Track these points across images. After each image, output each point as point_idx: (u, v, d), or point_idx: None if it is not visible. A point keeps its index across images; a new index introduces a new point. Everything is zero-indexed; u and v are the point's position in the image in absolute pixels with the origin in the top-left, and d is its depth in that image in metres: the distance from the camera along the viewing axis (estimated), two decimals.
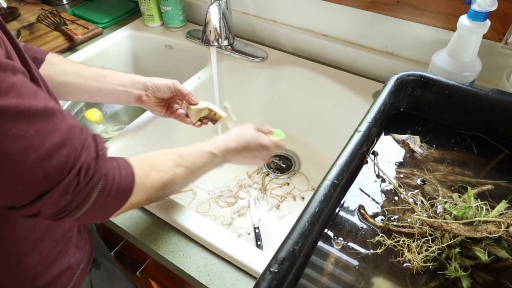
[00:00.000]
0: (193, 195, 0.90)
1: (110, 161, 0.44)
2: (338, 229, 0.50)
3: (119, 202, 0.45)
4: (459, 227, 0.45)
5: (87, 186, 0.40)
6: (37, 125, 0.36)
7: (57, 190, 0.38)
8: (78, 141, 0.40)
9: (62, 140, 0.38)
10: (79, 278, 0.60)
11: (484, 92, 0.59)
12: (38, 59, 0.64)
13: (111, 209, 0.45)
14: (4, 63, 0.34)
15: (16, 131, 0.34)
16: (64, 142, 0.38)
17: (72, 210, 0.41)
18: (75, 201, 0.40)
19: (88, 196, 0.41)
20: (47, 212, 0.40)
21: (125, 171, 0.45)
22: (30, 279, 0.54)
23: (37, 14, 1.14)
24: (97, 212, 0.43)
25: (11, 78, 0.35)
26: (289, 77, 0.96)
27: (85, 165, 0.40)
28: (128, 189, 0.45)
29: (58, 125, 0.38)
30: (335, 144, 0.74)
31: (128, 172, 0.45)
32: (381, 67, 0.88)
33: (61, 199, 0.39)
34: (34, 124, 0.36)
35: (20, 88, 0.35)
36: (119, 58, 1.12)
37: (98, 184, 0.41)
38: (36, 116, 0.36)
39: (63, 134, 0.38)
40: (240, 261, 0.55)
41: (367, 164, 0.58)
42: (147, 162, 0.50)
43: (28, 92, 0.36)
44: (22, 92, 0.35)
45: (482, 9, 0.61)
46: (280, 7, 0.97)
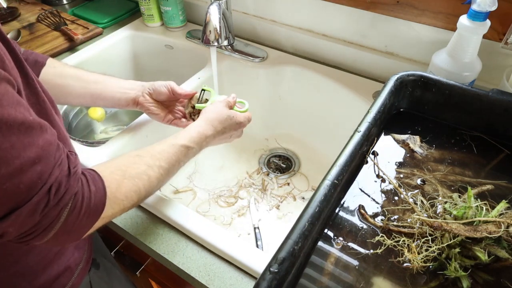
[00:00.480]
0: (193, 195, 0.90)
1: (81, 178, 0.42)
2: (338, 229, 0.50)
3: (90, 220, 0.42)
4: (459, 227, 0.45)
5: (57, 206, 0.38)
6: (13, 138, 0.34)
7: (26, 208, 0.36)
8: (53, 157, 0.38)
9: (37, 156, 0.36)
10: (78, 278, 0.60)
11: (484, 92, 0.59)
12: (39, 63, 0.64)
13: (83, 229, 0.43)
14: None
15: None
16: (39, 158, 0.36)
17: (40, 233, 0.38)
18: (44, 222, 0.38)
19: (58, 217, 0.38)
20: (12, 233, 0.37)
21: (95, 187, 0.43)
22: (29, 278, 0.54)
23: (37, 14, 1.14)
24: (68, 233, 0.41)
25: None
26: (289, 77, 0.96)
27: (56, 183, 0.38)
28: (99, 206, 0.43)
29: (35, 140, 0.37)
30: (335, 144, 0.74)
31: (98, 187, 0.43)
32: (381, 67, 0.88)
33: (28, 219, 0.37)
34: (10, 136, 0.34)
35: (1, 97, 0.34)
36: (119, 58, 1.12)
37: (68, 204, 0.39)
38: (14, 128, 0.34)
39: (39, 149, 0.37)
40: (240, 261, 0.55)
41: (367, 164, 0.58)
42: (118, 170, 0.48)
43: (9, 102, 0.35)
44: (3, 101, 0.34)
45: (482, 9, 0.61)
46: (280, 7, 0.97)
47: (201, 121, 0.61)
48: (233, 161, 0.99)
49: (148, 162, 0.51)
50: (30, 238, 0.39)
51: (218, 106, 0.64)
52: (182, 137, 0.57)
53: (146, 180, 0.49)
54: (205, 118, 0.62)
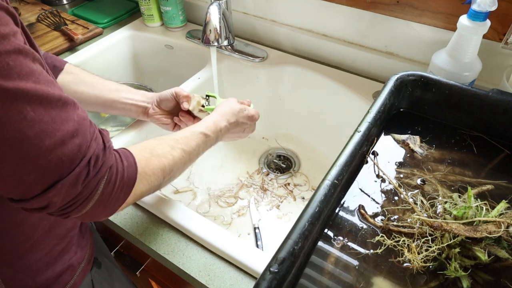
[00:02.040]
0: (193, 195, 0.90)
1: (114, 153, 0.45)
2: (338, 229, 0.50)
3: (124, 194, 0.45)
4: (459, 227, 0.45)
5: (96, 177, 0.41)
6: (52, 112, 0.37)
7: (69, 179, 0.38)
8: (89, 132, 0.41)
9: (75, 129, 0.39)
10: (80, 276, 0.60)
11: (484, 92, 0.59)
12: (57, 67, 0.66)
13: (117, 202, 0.45)
14: (26, 48, 0.36)
15: (34, 115, 0.35)
16: (76, 131, 0.39)
17: (80, 203, 0.41)
18: (85, 192, 0.40)
19: (96, 188, 0.41)
20: (57, 204, 0.40)
21: (127, 162, 0.45)
22: (32, 275, 0.54)
23: (37, 14, 1.14)
24: (105, 206, 0.43)
25: (31, 64, 0.36)
26: (289, 77, 0.96)
27: (94, 156, 0.40)
28: (131, 180, 0.45)
29: (71, 114, 0.39)
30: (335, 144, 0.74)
31: (130, 163, 0.46)
32: (381, 67, 0.88)
33: (71, 189, 0.39)
34: (50, 110, 0.36)
35: (38, 75, 0.36)
36: (119, 58, 1.12)
37: (105, 176, 0.41)
38: (52, 103, 0.37)
39: (75, 123, 0.39)
40: (240, 261, 0.55)
41: (367, 164, 0.58)
42: (146, 149, 0.51)
43: (45, 80, 0.37)
44: (41, 79, 0.36)
45: (482, 9, 0.61)
46: (280, 7, 0.97)
47: (215, 114, 0.64)
48: (233, 161, 0.99)
49: (172, 144, 0.54)
50: (71, 210, 0.41)
51: (230, 101, 0.68)
52: (200, 126, 0.60)
53: (171, 159, 0.52)
54: (219, 111, 0.65)
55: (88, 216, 0.43)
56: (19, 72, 0.34)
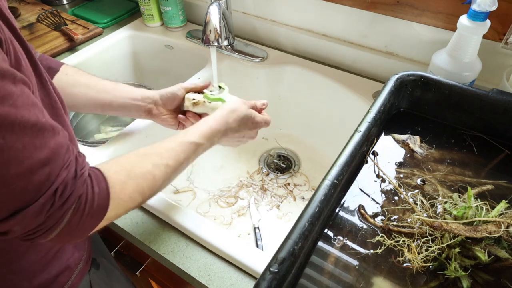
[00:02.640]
0: (193, 195, 0.90)
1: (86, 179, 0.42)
2: (338, 229, 0.50)
3: (94, 221, 0.43)
4: (459, 227, 0.45)
5: (62, 208, 0.38)
6: (25, 139, 0.35)
7: (31, 209, 0.36)
8: (62, 160, 0.39)
9: (47, 158, 0.37)
10: (77, 277, 0.60)
11: (484, 92, 0.59)
12: (53, 69, 0.64)
13: (87, 229, 0.43)
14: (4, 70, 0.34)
15: (3, 142, 0.33)
16: (48, 160, 0.37)
17: (44, 232, 0.39)
18: (48, 222, 0.38)
19: (62, 218, 0.39)
20: (17, 232, 0.38)
21: (99, 188, 0.42)
22: (28, 277, 0.54)
23: (37, 14, 1.14)
24: (72, 233, 0.41)
25: (9, 86, 0.34)
26: (289, 77, 0.96)
27: (62, 185, 0.38)
28: (102, 207, 0.43)
29: (46, 141, 0.37)
30: (335, 144, 0.74)
31: (102, 188, 0.43)
32: (381, 67, 0.88)
33: (34, 219, 0.37)
34: (22, 137, 0.35)
35: (16, 98, 0.34)
36: (119, 58, 1.12)
37: (72, 206, 0.39)
38: (27, 129, 0.35)
39: (49, 151, 0.37)
40: (240, 261, 0.55)
41: (367, 164, 0.58)
42: (123, 169, 0.47)
43: (24, 103, 0.35)
44: (18, 102, 0.34)
45: (482, 9, 0.61)
46: (280, 7, 0.97)
47: (216, 115, 0.60)
48: (233, 161, 0.99)
49: (155, 161, 0.50)
50: (34, 237, 0.39)
51: (238, 103, 0.63)
52: (192, 133, 0.56)
53: (151, 180, 0.49)
54: (221, 114, 0.60)
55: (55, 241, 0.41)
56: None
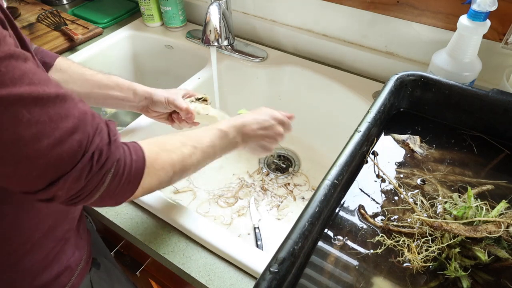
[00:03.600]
0: (193, 195, 0.90)
1: (122, 146, 0.45)
2: (338, 229, 0.50)
3: (131, 187, 0.45)
4: (459, 227, 0.45)
5: (100, 172, 0.41)
6: (50, 111, 0.36)
7: (71, 175, 0.38)
8: (91, 126, 0.40)
9: (75, 126, 0.38)
10: (78, 278, 0.60)
11: (484, 92, 0.59)
12: (47, 64, 0.65)
13: (125, 194, 0.45)
14: (16, 52, 0.35)
15: (30, 117, 0.35)
16: (76, 128, 0.38)
17: (86, 195, 0.41)
18: (89, 186, 0.41)
19: (102, 182, 0.41)
20: (62, 196, 0.40)
21: (136, 155, 0.45)
22: (29, 278, 0.54)
23: (37, 14, 1.14)
24: (111, 197, 0.44)
25: (23, 66, 0.35)
26: (289, 77, 0.96)
27: (97, 150, 0.40)
28: (139, 173, 0.45)
29: (70, 111, 0.38)
30: (335, 144, 0.74)
31: (138, 156, 0.45)
32: (381, 67, 0.88)
33: (75, 184, 0.39)
34: (47, 109, 0.36)
35: (32, 76, 0.36)
36: (119, 58, 1.12)
37: (111, 170, 0.41)
38: (49, 102, 0.36)
39: (75, 119, 0.39)
40: (240, 261, 0.55)
41: (367, 164, 0.58)
42: (156, 143, 0.50)
43: (40, 79, 0.36)
44: (35, 79, 0.36)
45: (482, 9, 0.61)
46: (280, 7, 0.97)
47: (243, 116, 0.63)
48: (233, 161, 0.99)
49: (182, 140, 0.53)
50: (78, 200, 0.42)
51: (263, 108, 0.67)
52: (220, 123, 0.59)
53: (180, 155, 0.51)
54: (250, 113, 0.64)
55: (95, 204, 0.44)
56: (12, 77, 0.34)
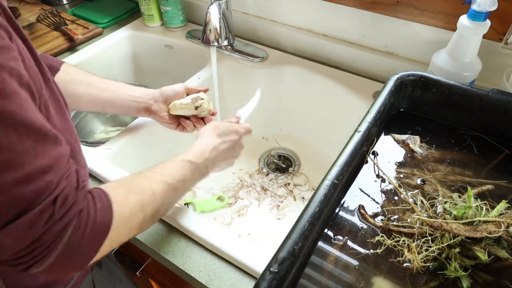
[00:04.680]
0: (193, 195, 0.90)
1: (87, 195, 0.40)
2: (338, 229, 0.50)
3: (97, 241, 0.39)
4: (459, 227, 0.45)
5: (62, 221, 0.35)
6: (27, 143, 0.33)
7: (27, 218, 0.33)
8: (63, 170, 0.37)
9: (49, 166, 0.35)
10: (80, 276, 0.60)
11: (484, 92, 0.59)
12: (53, 67, 0.64)
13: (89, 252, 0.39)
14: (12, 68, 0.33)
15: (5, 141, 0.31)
16: (49, 168, 0.35)
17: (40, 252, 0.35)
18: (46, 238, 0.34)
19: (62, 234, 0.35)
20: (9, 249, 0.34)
21: (101, 204, 0.40)
22: (32, 276, 0.54)
23: (37, 14, 1.14)
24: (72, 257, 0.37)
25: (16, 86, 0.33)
26: (289, 77, 0.96)
27: (62, 195, 0.36)
28: (105, 223, 0.39)
29: (49, 149, 0.35)
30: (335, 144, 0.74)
31: (104, 204, 0.40)
32: (381, 67, 0.88)
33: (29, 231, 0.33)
34: (25, 140, 0.33)
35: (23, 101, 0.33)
36: (119, 58, 1.12)
37: (73, 221, 0.36)
38: (30, 132, 0.33)
39: (51, 159, 0.35)
40: (240, 261, 0.55)
41: (367, 164, 0.58)
42: (122, 185, 0.46)
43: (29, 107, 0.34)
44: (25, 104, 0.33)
45: (482, 9, 0.61)
46: (280, 7, 0.97)
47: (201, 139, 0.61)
48: None
49: (152, 177, 0.50)
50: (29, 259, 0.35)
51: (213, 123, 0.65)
52: (183, 154, 0.56)
53: (150, 194, 0.47)
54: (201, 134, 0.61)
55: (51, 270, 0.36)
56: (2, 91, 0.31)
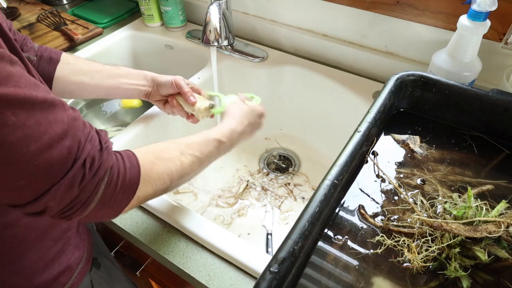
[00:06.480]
0: (193, 196, 0.90)
1: (115, 153, 0.43)
2: (338, 229, 0.50)
3: (127, 196, 0.43)
4: (459, 227, 0.45)
5: (94, 179, 0.39)
6: (37, 115, 0.35)
7: (63, 183, 0.37)
8: (81, 133, 0.39)
9: (64, 131, 0.37)
10: (78, 277, 0.60)
11: (484, 92, 0.59)
12: (54, 59, 0.65)
13: (120, 204, 0.44)
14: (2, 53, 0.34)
15: (15, 120, 0.33)
16: (65, 133, 0.37)
17: (80, 206, 0.40)
18: (82, 196, 0.39)
19: (96, 190, 0.40)
20: (54, 208, 0.39)
21: (130, 163, 0.44)
22: (28, 277, 0.54)
23: (37, 14, 1.14)
24: (106, 208, 0.42)
25: (8, 68, 0.34)
26: (289, 77, 0.96)
27: (89, 157, 0.39)
28: (134, 181, 0.44)
29: (59, 116, 0.37)
30: (335, 144, 0.74)
31: (133, 164, 0.44)
32: (381, 67, 0.88)
33: (67, 193, 0.38)
34: (34, 113, 0.35)
35: (18, 79, 0.35)
36: (119, 58, 1.12)
37: (104, 178, 0.40)
38: (36, 106, 0.35)
39: (64, 125, 0.37)
40: (240, 261, 0.55)
41: (367, 164, 0.58)
42: (152, 152, 0.49)
43: (27, 83, 0.35)
44: (21, 82, 0.35)
45: (482, 9, 0.61)
46: (280, 7, 0.97)
47: (230, 119, 0.63)
48: (233, 161, 0.99)
49: (181, 149, 0.52)
50: (71, 213, 0.40)
51: (239, 104, 0.67)
52: (215, 132, 0.59)
53: (179, 165, 0.50)
54: (233, 116, 0.64)
55: (91, 217, 0.42)
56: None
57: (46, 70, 0.64)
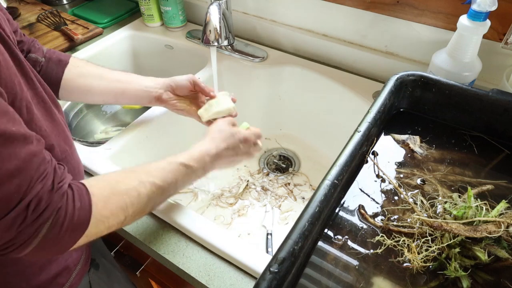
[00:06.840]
0: (193, 196, 0.90)
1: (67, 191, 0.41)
2: (338, 229, 0.50)
3: (73, 237, 0.41)
4: (459, 227, 0.45)
5: (35, 222, 0.37)
6: None
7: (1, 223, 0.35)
8: (35, 171, 0.37)
9: (17, 168, 0.35)
10: (76, 278, 0.60)
11: (484, 92, 0.59)
12: (63, 61, 0.65)
13: (66, 244, 0.41)
14: None
15: None
16: (18, 171, 0.35)
17: (16, 248, 0.38)
18: (20, 238, 0.37)
19: (35, 234, 0.38)
20: None
21: (81, 203, 0.41)
22: (26, 278, 0.54)
23: (37, 14, 1.14)
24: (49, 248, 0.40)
25: None
26: (289, 77, 0.96)
27: (36, 198, 0.37)
28: (83, 222, 0.41)
29: (16, 151, 0.35)
30: (335, 144, 0.74)
31: (84, 204, 0.42)
32: (381, 67, 0.88)
33: (3, 234, 0.36)
34: None
35: None
36: (119, 58, 1.12)
37: (49, 219, 0.38)
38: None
39: (19, 161, 0.36)
40: (240, 261, 0.55)
41: (367, 164, 0.58)
42: (108, 185, 0.46)
43: None
44: None
45: (482, 9, 0.61)
46: (280, 7, 0.97)
47: (204, 140, 0.59)
48: None
49: (141, 178, 0.49)
50: (6, 252, 0.38)
51: (221, 124, 0.63)
52: (183, 156, 0.55)
53: (135, 196, 0.47)
54: (209, 137, 0.60)
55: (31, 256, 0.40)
56: None
57: (54, 71, 0.64)
